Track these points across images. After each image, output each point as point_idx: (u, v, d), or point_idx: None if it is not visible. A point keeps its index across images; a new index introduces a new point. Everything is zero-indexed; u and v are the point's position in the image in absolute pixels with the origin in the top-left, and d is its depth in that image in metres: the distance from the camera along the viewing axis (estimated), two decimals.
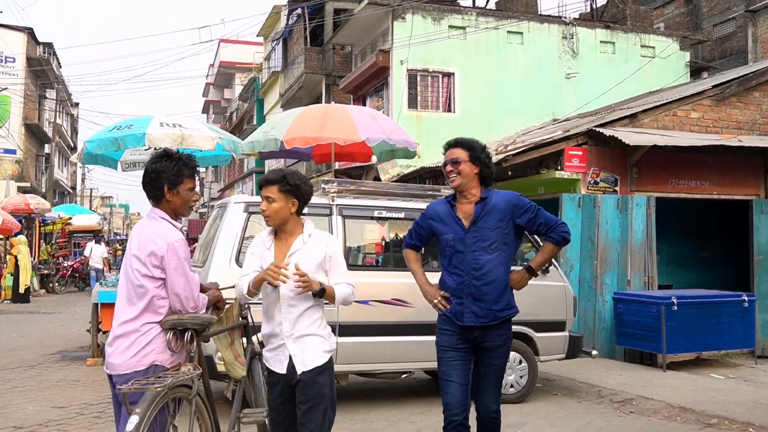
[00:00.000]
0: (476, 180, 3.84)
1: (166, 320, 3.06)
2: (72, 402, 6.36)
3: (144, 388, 2.78)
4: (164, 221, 3.16)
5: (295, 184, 3.30)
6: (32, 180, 34.22)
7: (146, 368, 2.99)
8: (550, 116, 18.82)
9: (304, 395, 3.24)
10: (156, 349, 3.02)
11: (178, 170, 3.17)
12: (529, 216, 3.81)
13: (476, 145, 3.86)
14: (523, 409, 6.12)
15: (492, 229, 3.77)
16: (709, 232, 12.09)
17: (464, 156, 3.82)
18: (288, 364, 3.28)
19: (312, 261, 3.29)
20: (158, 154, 3.26)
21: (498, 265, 3.75)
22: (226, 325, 3.82)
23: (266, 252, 3.37)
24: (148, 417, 2.78)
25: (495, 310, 3.74)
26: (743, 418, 5.88)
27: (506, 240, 3.80)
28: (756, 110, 10.70)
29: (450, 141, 3.92)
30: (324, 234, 3.44)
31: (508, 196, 3.88)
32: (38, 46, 36.65)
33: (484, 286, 3.73)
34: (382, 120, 8.40)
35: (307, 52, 24.15)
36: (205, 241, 6.45)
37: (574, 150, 9.50)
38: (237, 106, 41.05)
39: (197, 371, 3.10)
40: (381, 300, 5.97)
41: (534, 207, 3.83)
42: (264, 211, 3.33)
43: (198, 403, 3.23)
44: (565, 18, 20.57)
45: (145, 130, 8.06)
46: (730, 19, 22.18)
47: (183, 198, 3.21)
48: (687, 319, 8.31)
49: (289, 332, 3.28)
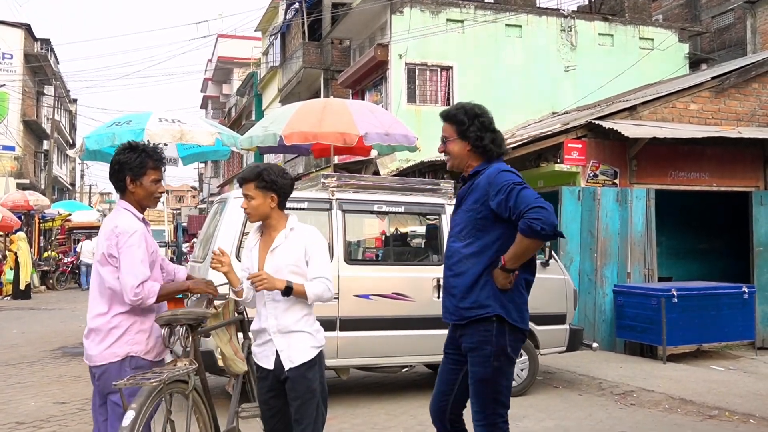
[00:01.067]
0: (472, 156, 3.34)
1: (160, 316, 3.09)
2: (73, 398, 6.37)
3: (139, 383, 2.78)
4: (125, 212, 3.20)
5: (271, 180, 3.31)
6: (31, 177, 34.18)
7: (122, 359, 3.06)
8: (549, 109, 18.80)
9: (295, 392, 3.27)
10: (130, 340, 3.09)
11: (140, 162, 3.19)
12: (499, 198, 3.13)
13: (463, 117, 3.30)
14: (523, 402, 6.13)
15: (466, 212, 3.30)
16: (708, 224, 12.09)
17: (452, 133, 3.35)
18: (275, 359, 3.30)
19: (293, 254, 3.31)
20: (123, 146, 3.27)
21: (468, 255, 3.24)
22: (223, 320, 3.82)
23: (252, 248, 3.44)
24: (144, 412, 2.78)
25: (461, 307, 3.25)
26: (743, 409, 5.90)
27: (479, 226, 3.23)
28: (755, 101, 10.69)
29: (441, 112, 3.44)
30: (306, 227, 3.43)
31: (490, 171, 3.26)
32: (36, 43, 36.52)
33: (452, 278, 3.31)
34: (381, 114, 8.39)
35: (306, 46, 24.10)
36: (205, 237, 6.46)
37: (573, 143, 9.50)
38: (235, 102, 40.98)
39: (193, 366, 3.11)
40: (381, 294, 5.97)
41: (507, 186, 3.12)
42: (245, 209, 3.37)
43: (195, 398, 3.23)
44: (563, 11, 20.53)
45: (143, 126, 8.05)
46: (729, 10, 22.13)
47: (146, 189, 3.22)
48: (687, 311, 8.32)
49: (275, 328, 3.30)
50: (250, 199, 3.34)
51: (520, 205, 3.05)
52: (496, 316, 3.18)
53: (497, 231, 3.20)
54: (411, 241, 7.65)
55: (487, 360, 3.18)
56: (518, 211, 3.05)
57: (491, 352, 3.18)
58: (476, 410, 3.22)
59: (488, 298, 3.19)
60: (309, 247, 3.33)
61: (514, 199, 3.08)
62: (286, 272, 3.28)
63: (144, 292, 3.05)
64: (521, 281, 3.26)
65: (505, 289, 3.19)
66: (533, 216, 2.99)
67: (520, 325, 3.24)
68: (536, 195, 3.09)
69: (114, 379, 2.92)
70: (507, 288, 3.18)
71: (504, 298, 3.20)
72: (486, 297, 3.19)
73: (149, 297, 3.07)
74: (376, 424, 5.54)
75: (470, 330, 3.23)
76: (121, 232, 3.08)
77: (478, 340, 3.20)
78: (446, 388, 3.38)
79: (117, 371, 3.04)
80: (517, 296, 3.25)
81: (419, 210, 6.58)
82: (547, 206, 3.03)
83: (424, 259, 6.71)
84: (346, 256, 5.99)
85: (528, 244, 3.07)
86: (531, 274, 3.33)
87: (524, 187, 3.12)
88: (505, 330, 3.19)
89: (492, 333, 3.18)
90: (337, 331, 5.75)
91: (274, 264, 3.30)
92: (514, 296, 3.24)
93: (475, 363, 3.21)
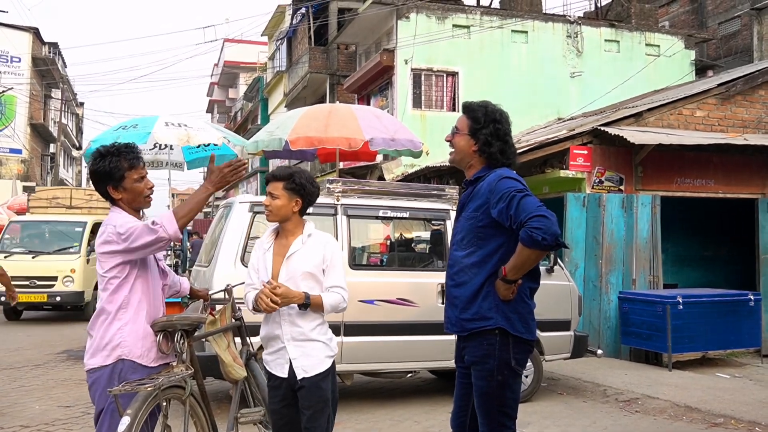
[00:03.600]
0: (476, 158, 3.21)
1: (155, 322, 3.01)
2: (78, 401, 6.38)
3: (135, 388, 2.75)
4: (119, 210, 3.03)
5: (300, 183, 3.26)
6: (37, 179, 34.34)
7: (114, 362, 2.91)
8: (554, 115, 18.80)
9: (308, 401, 3.20)
10: (122, 343, 2.93)
11: (114, 166, 2.98)
12: (501, 206, 2.99)
13: (482, 115, 3.17)
14: (528, 409, 6.11)
15: (467, 219, 3.17)
16: (714, 231, 12.05)
17: (464, 126, 3.21)
18: (289, 367, 3.22)
19: (310, 262, 3.24)
20: (93, 155, 3.06)
21: (470, 265, 3.12)
22: (220, 327, 3.79)
23: (266, 253, 3.32)
24: (139, 419, 2.75)
25: (463, 319, 3.13)
26: (749, 417, 5.87)
27: (481, 235, 3.11)
28: (761, 109, 10.67)
29: (464, 102, 3.31)
30: (324, 235, 3.38)
31: (491, 178, 3.10)
32: (44, 46, 36.75)
33: (454, 288, 3.20)
34: (386, 120, 8.41)
35: (312, 51, 24.18)
36: (210, 241, 6.46)
37: (578, 149, 9.49)
38: (241, 106, 41.11)
39: (189, 372, 3.07)
40: (386, 299, 5.97)
41: (509, 194, 2.97)
42: (266, 206, 3.28)
43: (192, 403, 3.20)
44: (569, 17, 20.53)
45: (150, 130, 8.10)
46: (736, 17, 22.10)
47: (132, 191, 3.03)
48: (692, 318, 8.29)
49: (289, 335, 3.22)
50: (274, 198, 3.26)
51: (521, 214, 2.90)
52: (498, 329, 3.06)
53: (499, 239, 3.08)
54: (416, 247, 7.65)
55: (490, 374, 3.06)
56: (519, 220, 2.91)
57: (494, 366, 3.05)
58: (482, 422, 3.13)
59: (490, 310, 3.06)
60: (328, 255, 3.27)
61: (515, 207, 2.93)
62: (300, 279, 3.21)
63: (160, 222, 2.84)
64: (525, 290, 3.12)
65: (508, 300, 3.06)
66: (534, 225, 2.85)
67: (525, 336, 3.10)
68: (538, 203, 2.95)
69: (105, 386, 2.85)
70: (509, 299, 3.06)
71: (507, 309, 3.07)
72: (488, 308, 3.07)
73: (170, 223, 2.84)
74: (380, 430, 5.53)
75: (473, 342, 3.12)
76: (116, 225, 2.89)
77: (481, 354, 3.08)
78: (462, 403, 3.27)
79: (107, 377, 2.92)
80: (521, 306, 3.10)
81: (424, 216, 6.58)
82: (549, 215, 2.89)
83: (429, 265, 6.71)
84: (351, 261, 5.99)
85: (529, 254, 2.93)
86: (535, 282, 3.20)
87: (526, 194, 2.97)
88: (509, 342, 3.06)
89: (495, 346, 3.06)
90: (342, 336, 5.75)
91: (289, 270, 3.22)
92: (518, 306, 3.09)
93: (479, 377, 3.10)
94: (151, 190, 3.10)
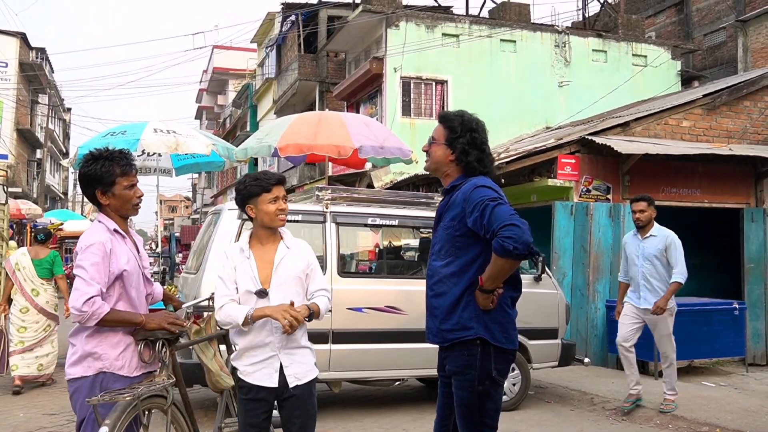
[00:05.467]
0: (453, 167, 3.21)
1: (136, 331, 2.96)
2: (63, 409, 6.31)
3: (114, 398, 2.71)
4: (97, 224, 2.99)
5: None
6: (24, 185, 34.08)
7: (95, 374, 2.87)
8: (542, 124, 18.90)
9: (300, 409, 3.15)
10: (104, 356, 2.88)
11: (107, 171, 2.94)
12: (475, 216, 2.98)
13: (458, 124, 3.16)
14: (515, 417, 6.13)
15: (445, 229, 3.17)
16: (700, 240, 12.13)
17: (441, 136, 3.21)
18: (279, 376, 3.13)
19: (298, 266, 3.23)
20: (85, 157, 3.02)
21: (449, 275, 3.10)
22: (205, 335, 3.75)
23: (246, 261, 3.19)
24: (118, 428, 2.72)
25: (443, 329, 3.11)
26: (734, 425, 5.91)
27: (458, 244, 3.10)
28: (746, 119, 10.79)
29: (440, 112, 3.27)
30: (301, 240, 3.37)
31: (465, 187, 3.10)
32: (31, 51, 36.56)
33: (433, 298, 3.18)
34: (375, 127, 8.43)
35: (301, 58, 24.20)
36: (199, 248, 6.45)
37: (566, 158, 9.55)
38: (230, 113, 41.04)
39: (171, 381, 3.03)
40: (374, 307, 5.97)
41: (482, 203, 2.96)
42: (284, 210, 3.24)
43: (174, 412, 3.16)
44: (557, 26, 20.69)
45: (138, 136, 8.06)
46: (721, 28, 22.37)
47: (121, 198, 2.99)
48: (679, 326, 8.27)
49: (283, 344, 3.15)
50: (285, 200, 3.27)
51: (494, 223, 2.89)
52: (479, 339, 3.03)
53: (476, 249, 3.06)
54: (404, 255, 7.66)
55: (471, 385, 3.04)
56: (492, 230, 2.89)
57: (475, 377, 3.03)
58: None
59: (471, 320, 3.04)
60: (311, 260, 3.29)
61: (488, 216, 2.92)
62: (290, 284, 3.18)
63: (90, 310, 2.76)
64: (506, 299, 3.10)
65: (488, 310, 3.03)
66: (506, 234, 2.83)
67: (505, 346, 3.07)
68: (511, 211, 2.94)
69: (86, 395, 2.81)
70: (489, 308, 3.03)
71: (487, 318, 3.04)
72: (468, 318, 3.04)
73: (92, 318, 2.78)
74: None
75: (454, 353, 3.09)
76: (80, 247, 2.86)
77: (462, 365, 3.06)
78: (444, 413, 3.24)
79: (88, 387, 2.87)
80: (501, 316, 3.08)
81: (413, 223, 6.59)
82: (520, 224, 2.87)
83: (417, 273, 6.72)
84: (340, 268, 5.98)
85: (503, 264, 2.90)
86: (516, 291, 3.18)
87: (498, 203, 2.95)
88: (490, 353, 3.04)
89: (476, 357, 3.03)
90: (330, 344, 5.74)
91: (280, 276, 3.19)
92: (499, 316, 3.06)
93: (459, 387, 3.07)
94: (140, 198, 3.06)
